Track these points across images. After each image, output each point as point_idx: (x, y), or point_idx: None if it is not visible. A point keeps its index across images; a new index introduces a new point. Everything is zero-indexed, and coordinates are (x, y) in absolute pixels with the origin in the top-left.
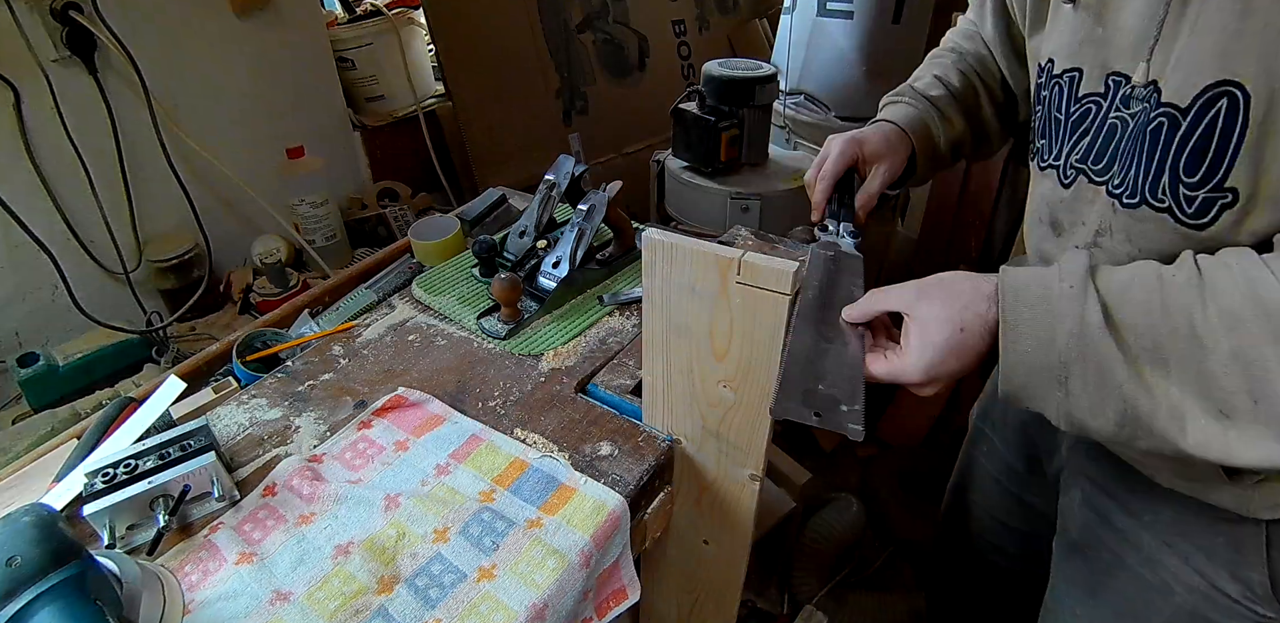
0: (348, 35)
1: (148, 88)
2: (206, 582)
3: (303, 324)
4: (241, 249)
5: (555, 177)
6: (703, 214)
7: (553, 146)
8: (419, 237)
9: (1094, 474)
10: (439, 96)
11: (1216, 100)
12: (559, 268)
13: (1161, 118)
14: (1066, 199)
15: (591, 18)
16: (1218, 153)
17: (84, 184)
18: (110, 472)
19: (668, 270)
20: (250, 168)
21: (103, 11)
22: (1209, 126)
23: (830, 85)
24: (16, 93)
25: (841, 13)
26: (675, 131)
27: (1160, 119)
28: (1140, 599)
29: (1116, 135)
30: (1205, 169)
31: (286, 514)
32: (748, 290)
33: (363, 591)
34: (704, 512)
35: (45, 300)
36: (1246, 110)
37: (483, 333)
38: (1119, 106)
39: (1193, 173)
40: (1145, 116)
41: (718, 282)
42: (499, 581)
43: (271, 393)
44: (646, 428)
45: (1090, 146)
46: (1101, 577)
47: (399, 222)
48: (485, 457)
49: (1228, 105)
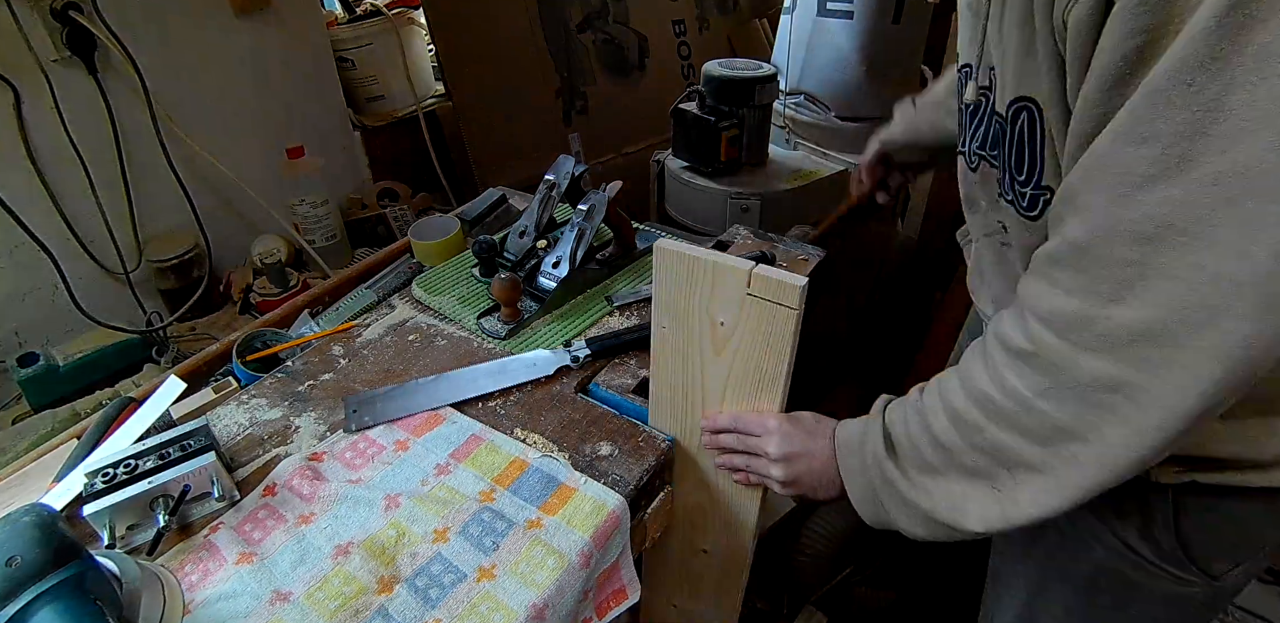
0: (348, 35)
1: (148, 88)
2: (206, 582)
3: (303, 324)
4: (241, 249)
5: (555, 177)
6: (703, 214)
7: (553, 146)
8: (419, 237)
9: None
10: (439, 96)
11: (1019, 113)
12: (559, 268)
13: (995, 124)
14: (976, 182)
15: (591, 18)
16: (1031, 156)
17: (84, 184)
18: (110, 472)
19: (677, 280)
20: (250, 168)
21: (103, 11)
22: (1021, 134)
23: (830, 85)
24: (16, 93)
25: (841, 13)
26: (675, 131)
27: (995, 125)
28: (1064, 554)
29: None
30: (1027, 169)
31: (286, 514)
32: (758, 303)
33: (363, 591)
34: (705, 513)
35: (45, 300)
36: (1042, 121)
37: (483, 333)
38: None
39: (1019, 172)
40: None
41: (728, 293)
42: (499, 581)
43: (271, 393)
44: (646, 428)
45: (985, 136)
46: (1031, 537)
47: (399, 222)
48: (485, 456)
49: (1028, 117)
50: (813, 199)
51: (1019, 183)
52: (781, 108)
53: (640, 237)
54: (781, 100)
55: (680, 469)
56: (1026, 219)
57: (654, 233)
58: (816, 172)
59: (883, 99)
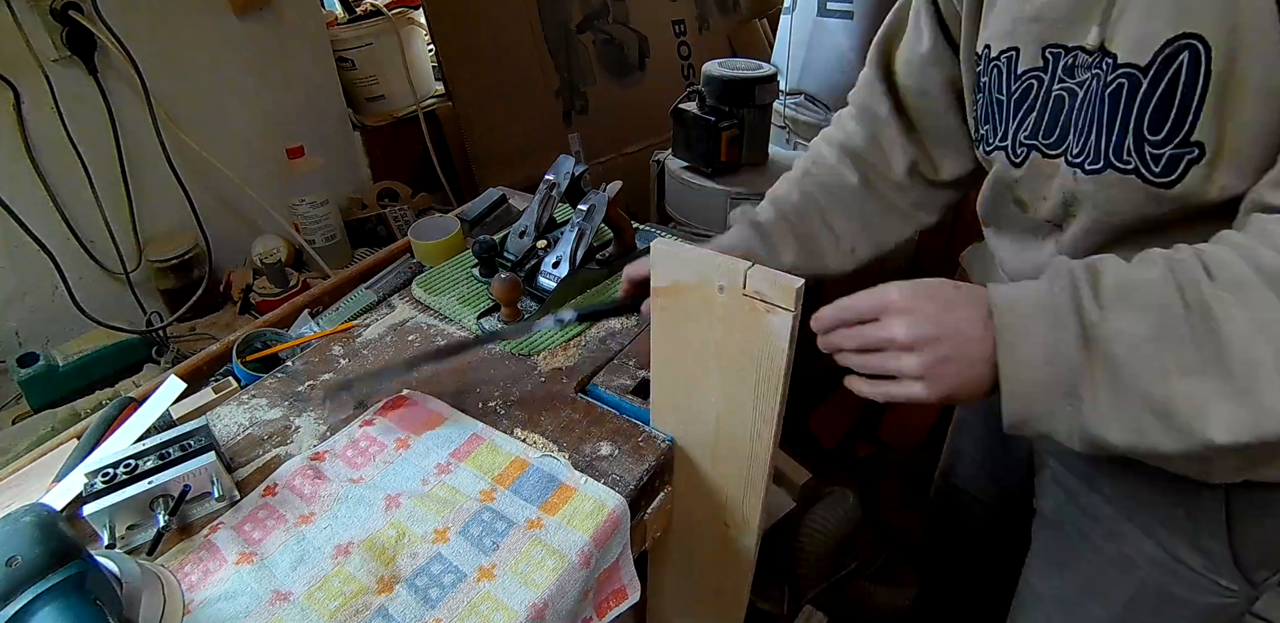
0: (348, 35)
1: (148, 88)
2: (206, 582)
3: (303, 324)
4: (241, 249)
5: (555, 176)
6: (703, 214)
7: (553, 147)
8: (419, 237)
9: (1060, 452)
10: (439, 96)
11: (1177, 55)
12: (559, 268)
13: (1121, 80)
14: (1022, 177)
15: (591, 18)
16: (1181, 108)
17: (84, 184)
18: (110, 472)
19: (674, 280)
20: (250, 168)
21: (103, 11)
22: (1171, 82)
23: (830, 85)
24: (16, 93)
25: (841, 13)
26: (675, 131)
27: (1119, 81)
28: (1105, 574)
29: (1065, 106)
30: (1170, 125)
31: (286, 514)
32: (754, 303)
33: (363, 591)
34: (706, 513)
35: (45, 300)
36: (1208, 63)
37: (483, 333)
38: (1062, 77)
39: (1157, 130)
40: (1099, 82)
41: (724, 294)
42: (499, 580)
43: (271, 393)
44: (647, 428)
45: (1038, 121)
46: (1069, 553)
47: (399, 222)
48: (486, 456)
49: (1189, 59)
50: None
51: (1151, 144)
52: (781, 108)
53: (640, 237)
54: (781, 100)
55: (680, 469)
56: (1155, 186)
57: (654, 233)
58: None
59: None
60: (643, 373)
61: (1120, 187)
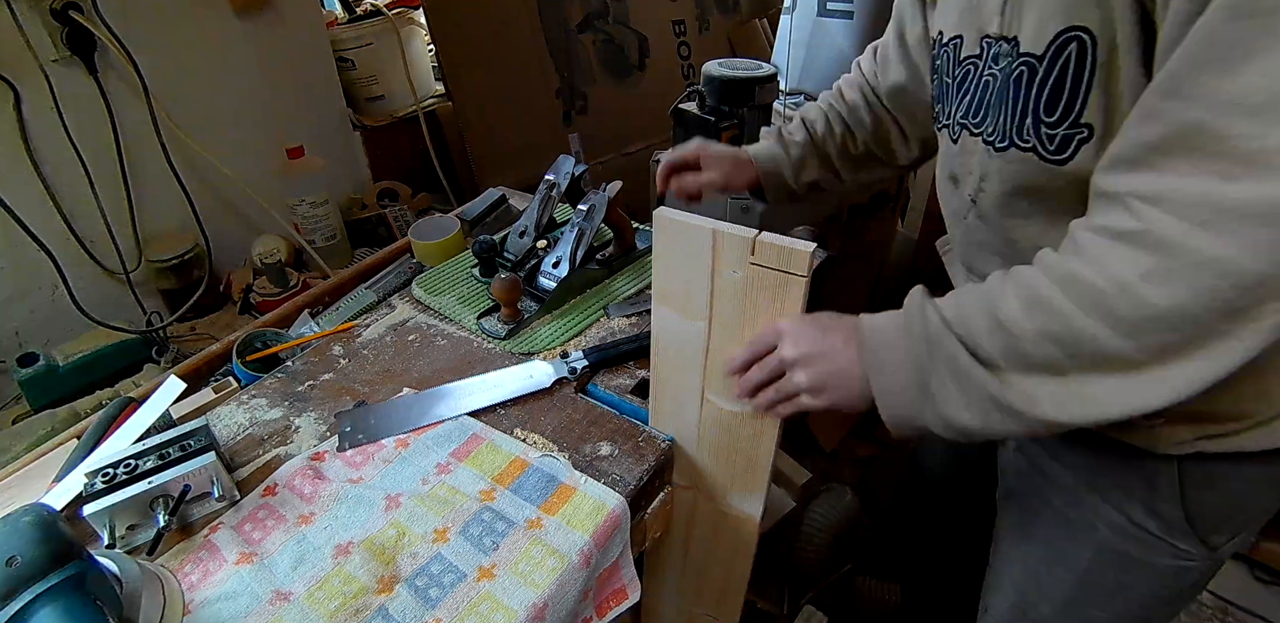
0: (348, 35)
1: (148, 88)
2: (206, 582)
3: (303, 324)
4: (241, 249)
5: (555, 177)
6: (703, 214)
7: (553, 146)
8: (419, 237)
9: None
10: (439, 96)
11: (1066, 46)
12: (559, 268)
13: (1022, 67)
14: (956, 153)
15: (591, 18)
16: (1071, 93)
17: (84, 184)
18: (110, 472)
19: (679, 252)
20: (250, 168)
21: (103, 11)
22: (1062, 70)
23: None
24: (16, 93)
25: (841, 13)
26: (675, 132)
27: (1021, 68)
28: (1066, 539)
29: (988, 90)
30: (1062, 108)
31: (286, 514)
32: (763, 272)
33: (363, 591)
34: (706, 513)
35: (45, 300)
36: (1094, 53)
37: (483, 333)
38: (990, 64)
39: (1051, 112)
40: (1009, 67)
41: (731, 264)
42: (499, 580)
43: (271, 393)
44: (646, 428)
45: (970, 103)
46: (1032, 519)
47: (399, 222)
48: (486, 456)
49: (1076, 50)
50: (813, 199)
51: (1046, 125)
52: (781, 108)
53: (640, 236)
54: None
55: (680, 469)
56: (1050, 163)
57: None
58: None
59: None
60: (642, 373)
61: (1020, 163)
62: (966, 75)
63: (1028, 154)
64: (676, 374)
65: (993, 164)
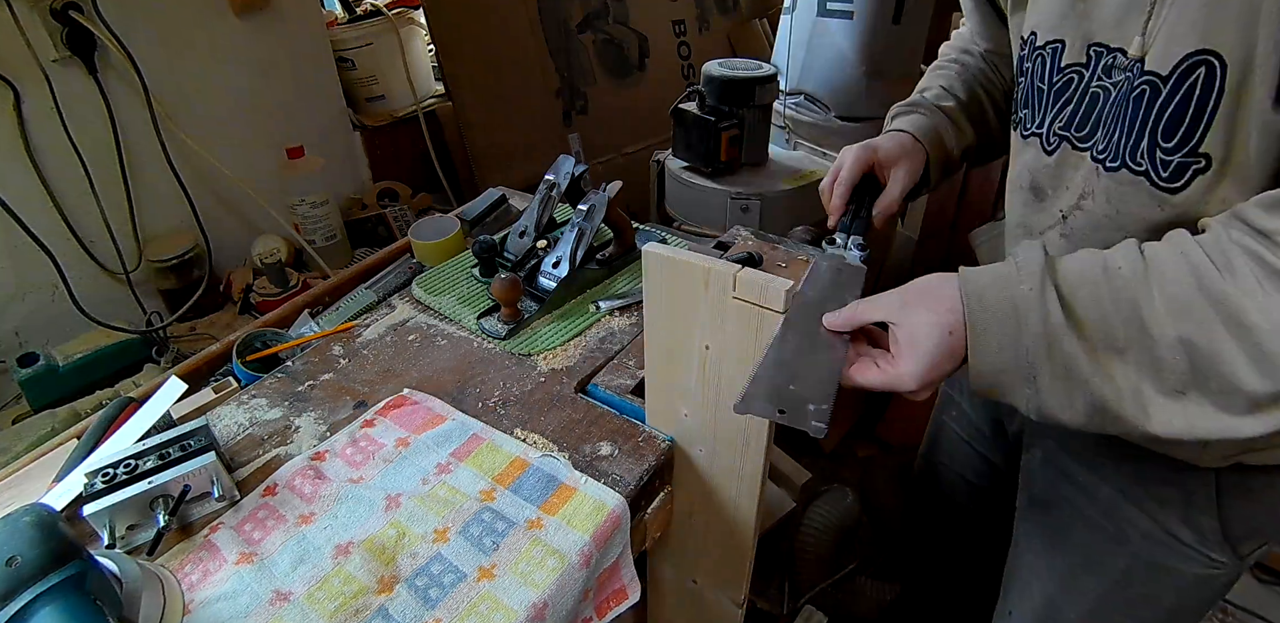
0: (348, 35)
1: (148, 88)
2: (206, 582)
3: (303, 324)
4: (241, 249)
5: (555, 177)
6: (703, 214)
7: (553, 146)
8: (419, 237)
9: (1054, 433)
10: (439, 96)
11: (1195, 69)
12: (559, 268)
13: (1144, 86)
14: (1050, 165)
15: (591, 18)
16: (1194, 119)
17: (84, 184)
18: (110, 472)
19: (667, 284)
20: (250, 168)
21: (103, 11)
22: (1187, 94)
23: (830, 85)
24: (16, 93)
25: (841, 13)
26: (675, 132)
27: (1142, 86)
28: (1099, 549)
29: (1099, 103)
30: (1181, 134)
31: (286, 514)
32: (744, 306)
33: (363, 591)
34: (706, 513)
35: (45, 300)
36: (1223, 79)
37: (483, 333)
38: (1100, 76)
39: (1169, 138)
40: (1128, 85)
41: (714, 296)
42: (499, 580)
43: (271, 393)
44: (646, 428)
45: (1074, 114)
46: (1061, 531)
47: (399, 222)
48: (486, 456)
49: (1205, 74)
50: (813, 199)
51: (1163, 150)
52: (781, 108)
53: (640, 236)
54: (781, 100)
55: (680, 469)
56: (1162, 190)
57: (654, 233)
58: (816, 172)
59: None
60: (642, 373)
61: (1131, 186)
62: (1069, 84)
63: (1139, 178)
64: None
65: (1100, 183)
